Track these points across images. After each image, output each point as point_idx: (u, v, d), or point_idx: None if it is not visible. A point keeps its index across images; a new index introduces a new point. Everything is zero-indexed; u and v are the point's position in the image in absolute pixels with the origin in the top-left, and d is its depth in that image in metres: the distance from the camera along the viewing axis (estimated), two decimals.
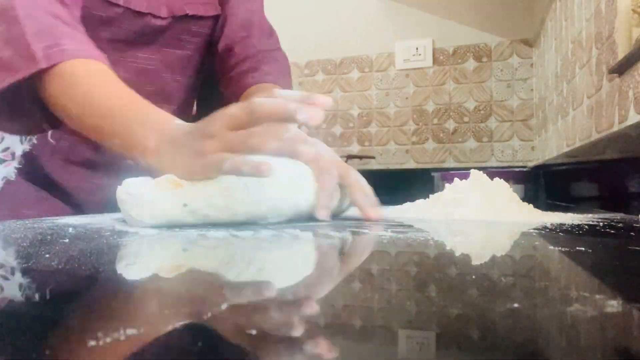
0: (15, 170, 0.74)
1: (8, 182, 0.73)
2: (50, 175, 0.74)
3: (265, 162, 0.43)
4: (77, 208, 0.76)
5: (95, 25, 0.70)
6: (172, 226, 0.45)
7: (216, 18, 0.83)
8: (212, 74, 0.88)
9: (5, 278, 0.26)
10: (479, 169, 0.62)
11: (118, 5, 0.70)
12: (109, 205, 0.76)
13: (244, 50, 0.84)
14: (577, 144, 0.99)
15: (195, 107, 0.92)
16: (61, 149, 0.74)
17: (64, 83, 0.56)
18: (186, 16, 0.77)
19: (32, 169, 0.74)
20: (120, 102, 0.55)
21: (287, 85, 0.84)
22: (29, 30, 0.55)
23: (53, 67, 0.55)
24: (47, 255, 0.30)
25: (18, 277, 0.26)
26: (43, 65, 0.54)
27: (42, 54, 0.55)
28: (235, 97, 0.80)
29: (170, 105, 0.80)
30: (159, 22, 0.75)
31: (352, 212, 0.59)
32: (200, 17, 0.80)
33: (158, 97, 0.77)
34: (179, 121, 0.52)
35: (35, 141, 0.74)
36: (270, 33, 0.90)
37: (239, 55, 0.84)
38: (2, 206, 0.72)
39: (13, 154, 0.75)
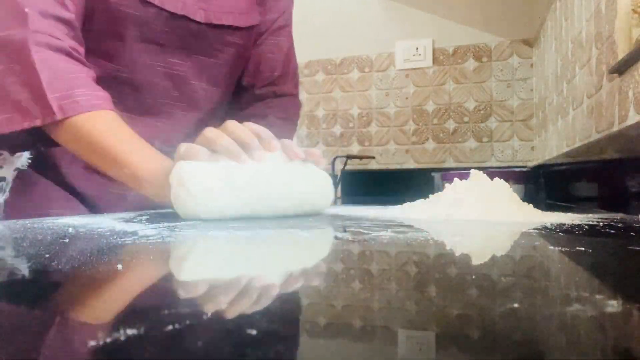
0: (29, 162, 0.75)
1: (35, 182, 0.74)
2: (72, 183, 0.74)
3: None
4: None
5: (125, 23, 0.68)
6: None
7: (251, 29, 0.81)
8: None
9: (5, 278, 0.26)
10: (479, 169, 0.62)
11: (152, 5, 0.68)
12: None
13: (260, 95, 0.88)
14: (577, 144, 0.99)
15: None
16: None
17: (74, 132, 0.61)
18: (222, 26, 0.76)
19: (54, 177, 0.74)
20: (123, 148, 0.61)
21: (289, 134, 0.88)
22: (44, 77, 0.59)
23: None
24: (47, 255, 0.30)
25: (18, 277, 0.26)
26: (58, 117, 0.59)
27: (56, 105, 0.59)
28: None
29: (196, 112, 0.79)
30: (193, 27, 0.73)
31: (353, 212, 0.58)
32: (237, 28, 0.78)
33: (184, 103, 0.77)
34: (167, 161, 0.60)
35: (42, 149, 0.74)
36: (294, 75, 0.93)
37: (254, 98, 0.87)
38: (30, 204, 0.72)
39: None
